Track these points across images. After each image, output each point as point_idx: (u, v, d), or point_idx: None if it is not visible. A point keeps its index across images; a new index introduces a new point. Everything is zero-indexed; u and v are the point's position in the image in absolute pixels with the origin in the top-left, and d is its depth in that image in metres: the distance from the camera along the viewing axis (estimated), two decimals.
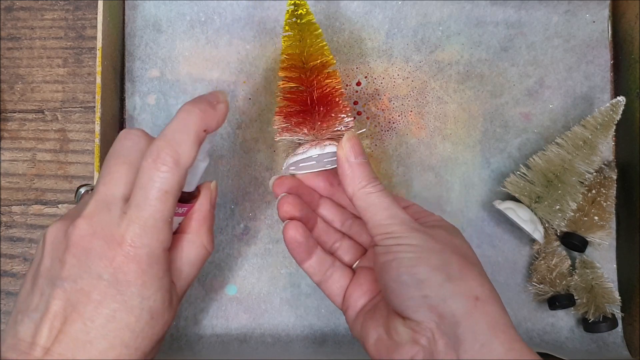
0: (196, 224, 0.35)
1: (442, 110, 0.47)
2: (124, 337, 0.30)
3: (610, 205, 0.45)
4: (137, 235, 0.30)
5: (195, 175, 0.35)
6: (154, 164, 0.30)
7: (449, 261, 0.32)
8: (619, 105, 0.43)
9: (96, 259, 0.30)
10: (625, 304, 0.45)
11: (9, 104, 0.47)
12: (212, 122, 0.32)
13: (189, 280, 0.35)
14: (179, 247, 0.34)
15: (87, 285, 0.30)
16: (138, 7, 0.46)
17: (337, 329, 0.45)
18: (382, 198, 0.34)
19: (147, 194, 0.30)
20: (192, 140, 0.31)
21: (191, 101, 0.32)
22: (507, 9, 0.47)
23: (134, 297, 0.30)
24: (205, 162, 0.36)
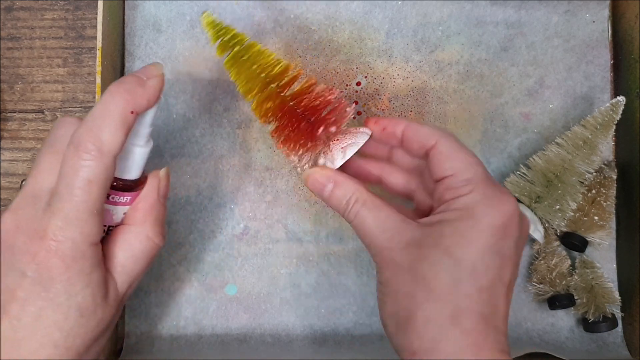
0: (141, 214, 0.33)
1: (442, 110, 0.47)
2: (53, 336, 0.29)
3: (610, 205, 0.45)
4: (59, 228, 0.29)
5: (133, 162, 0.33)
6: (76, 153, 0.29)
7: (399, 308, 0.31)
8: (619, 105, 0.43)
9: (19, 254, 0.29)
10: (625, 304, 0.45)
11: (9, 104, 0.47)
12: (140, 101, 0.30)
13: (133, 275, 0.33)
14: (121, 239, 0.33)
15: (11, 283, 0.29)
16: (138, 7, 0.46)
17: (337, 329, 0.45)
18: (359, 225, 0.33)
19: (70, 184, 0.29)
20: (116, 125, 0.29)
21: (117, 80, 0.30)
22: (507, 9, 0.47)
23: (59, 294, 0.29)
24: (146, 147, 0.33)
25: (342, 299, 0.46)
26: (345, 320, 0.45)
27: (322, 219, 0.46)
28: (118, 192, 0.33)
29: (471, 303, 0.29)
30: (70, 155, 0.29)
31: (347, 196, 0.34)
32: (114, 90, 0.30)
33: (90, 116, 0.29)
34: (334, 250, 0.46)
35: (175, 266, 0.46)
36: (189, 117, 0.46)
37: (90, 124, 0.29)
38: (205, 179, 0.46)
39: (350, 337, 0.45)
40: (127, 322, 0.45)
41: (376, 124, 0.37)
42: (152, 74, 0.31)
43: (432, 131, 0.34)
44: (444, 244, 0.31)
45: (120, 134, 0.29)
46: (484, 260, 0.30)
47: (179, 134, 0.46)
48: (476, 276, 0.30)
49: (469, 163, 0.33)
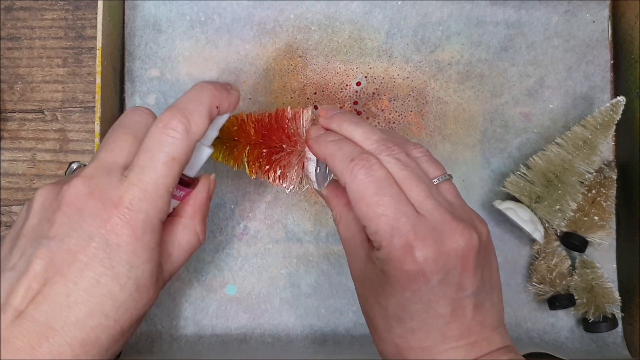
0: (192, 209, 0.34)
1: (442, 110, 0.47)
2: (105, 305, 0.28)
3: (610, 205, 0.45)
4: (136, 199, 0.29)
5: (197, 159, 0.35)
6: (164, 129, 0.30)
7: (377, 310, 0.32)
8: (619, 105, 0.43)
9: (89, 218, 0.29)
10: (625, 304, 0.45)
11: (9, 104, 0.47)
12: (225, 101, 0.32)
13: (175, 265, 0.33)
14: (172, 229, 0.33)
15: (75, 245, 0.28)
16: (138, 7, 0.46)
17: (337, 329, 0.45)
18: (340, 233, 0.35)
19: (153, 157, 0.29)
20: (205, 112, 0.31)
21: (205, 80, 0.33)
22: (507, 9, 0.47)
23: (122, 263, 0.29)
24: (209, 150, 0.35)
25: (342, 299, 0.46)
26: (345, 320, 0.45)
27: (322, 219, 0.46)
28: (178, 186, 0.33)
29: (408, 342, 0.31)
30: (157, 131, 0.30)
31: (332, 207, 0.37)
32: (205, 86, 0.32)
33: (181, 100, 0.31)
34: (334, 250, 0.46)
35: None
36: None
37: (181, 106, 0.30)
38: None
39: (350, 337, 0.45)
40: None
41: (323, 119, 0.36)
42: (234, 87, 0.34)
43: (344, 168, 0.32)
44: (375, 291, 0.32)
45: (206, 121, 0.31)
46: (405, 310, 0.30)
47: None
48: (403, 322, 0.31)
49: (374, 216, 0.30)
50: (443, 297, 0.30)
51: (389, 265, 0.30)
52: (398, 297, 0.30)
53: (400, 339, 0.31)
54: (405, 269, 0.29)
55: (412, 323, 0.30)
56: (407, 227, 0.29)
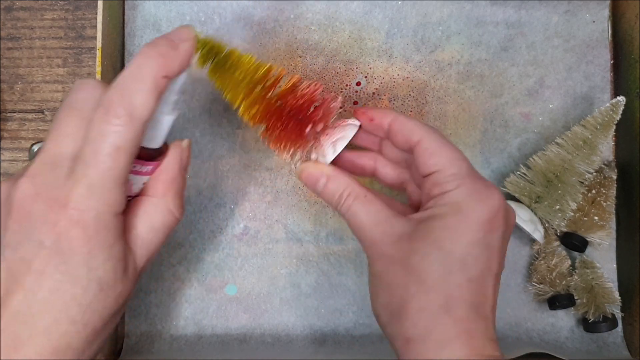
0: (162, 185, 0.32)
1: (442, 110, 0.47)
2: (71, 311, 0.27)
3: (610, 205, 0.45)
4: (82, 197, 0.27)
5: (159, 130, 0.32)
6: (105, 117, 0.27)
7: (392, 298, 0.32)
8: (619, 105, 0.43)
9: (38, 223, 0.27)
10: (625, 304, 0.45)
11: (9, 104, 0.47)
12: (173, 65, 0.29)
13: (151, 248, 0.31)
14: (141, 211, 0.31)
15: (27, 253, 0.27)
16: (138, 7, 0.46)
17: (337, 329, 0.45)
18: (352, 217, 0.34)
19: (97, 150, 0.27)
20: (149, 89, 0.28)
21: (149, 43, 0.29)
22: (507, 9, 0.47)
23: (79, 266, 0.27)
24: (172, 115, 0.32)
25: (342, 299, 0.46)
26: (345, 320, 0.45)
27: (322, 219, 0.46)
28: (140, 161, 0.31)
29: (462, 293, 0.30)
30: (98, 120, 0.27)
31: (339, 190, 0.34)
32: (147, 53, 0.28)
33: (121, 79, 0.28)
34: (334, 250, 0.46)
35: (175, 266, 0.46)
36: (189, 117, 0.46)
37: (121, 87, 0.28)
38: (205, 179, 0.46)
39: (350, 337, 0.45)
40: (127, 322, 0.45)
41: (363, 115, 0.37)
42: (184, 37, 0.30)
43: (416, 126, 0.34)
44: (434, 238, 0.31)
45: (152, 99, 0.28)
46: (472, 253, 0.31)
47: (179, 134, 0.46)
48: (466, 268, 0.31)
49: (453, 158, 0.33)
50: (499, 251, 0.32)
51: (468, 203, 0.31)
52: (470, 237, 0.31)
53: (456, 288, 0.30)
54: (490, 204, 0.31)
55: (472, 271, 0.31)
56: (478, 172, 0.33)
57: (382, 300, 0.32)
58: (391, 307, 0.32)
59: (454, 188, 0.32)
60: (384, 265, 0.32)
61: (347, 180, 0.35)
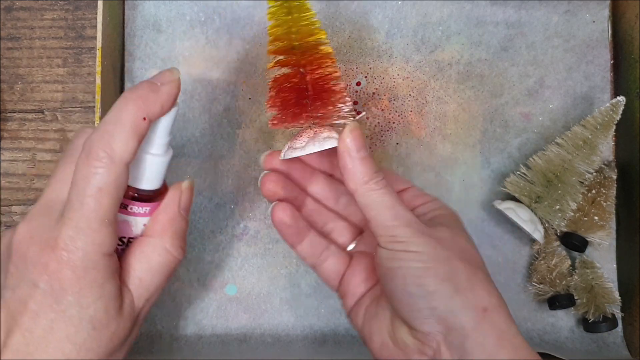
0: (160, 226, 0.32)
1: (442, 110, 0.47)
2: (65, 349, 0.28)
3: (610, 205, 0.45)
4: (70, 238, 0.28)
5: (152, 172, 0.32)
6: (87, 160, 0.28)
7: (457, 270, 0.31)
8: (619, 105, 0.43)
9: (31, 265, 0.28)
10: (625, 304, 0.45)
11: (9, 104, 0.47)
12: (153, 107, 0.29)
13: (151, 289, 0.32)
14: (138, 250, 0.32)
15: (23, 294, 0.28)
16: (138, 7, 0.46)
17: (337, 329, 0.45)
18: (386, 196, 0.32)
19: (80, 193, 0.28)
20: (128, 133, 0.29)
21: (131, 87, 0.30)
22: (507, 9, 0.47)
23: (71, 306, 0.28)
24: (164, 157, 0.32)
25: None
26: (345, 320, 0.45)
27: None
28: (136, 203, 0.32)
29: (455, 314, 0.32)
30: (81, 164, 0.29)
31: (377, 167, 0.33)
32: (127, 97, 0.29)
33: (102, 124, 0.29)
34: None
35: None
36: (189, 117, 0.46)
37: (101, 131, 0.29)
38: (205, 179, 0.46)
39: (350, 337, 0.45)
40: None
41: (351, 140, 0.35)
42: (167, 79, 0.31)
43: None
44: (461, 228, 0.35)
45: (132, 142, 0.29)
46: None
47: (179, 134, 0.46)
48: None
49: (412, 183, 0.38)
50: None
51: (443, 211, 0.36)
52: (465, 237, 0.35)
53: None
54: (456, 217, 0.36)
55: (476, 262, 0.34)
56: None
57: (441, 274, 0.31)
58: (456, 280, 0.31)
59: (431, 200, 0.36)
60: (433, 242, 0.32)
61: None
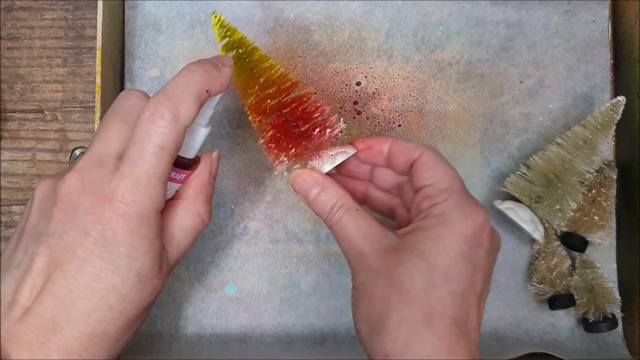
0: (193, 191, 0.34)
1: (442, 110, 0.47)
2: (109, 298, 0.29)
3: (611, 205, 0.45)
4: (128, 192, 0.29)
5: (194, 141, 0.34)
6: (152, 118, 0.29)
7: (372, 312, 0.31)
8: (619, 105, 0.43)
9: (84, 214, 0.29)
10: (625, 304, 0.45)
11: (9, 104, 0.47)
12: (215, 83, 0.31)
13: (181, 248, 0.33)
14: (173, 213, 0.33)
15: (72, 241, 0.29)
16: (138, 7, 0.46)
17: (337, 329, 0.45)
18: (340, 231, 0.34)
19: (142, 149, 0.29)
20: (193, 98, 0.30)
21: (195, 62, 0.32)
22: (507, 9, 0.47)
23: (121, 257, 0.29)
24: (206, 129, 0.35)
25: (342, 299, 0.46)
26: (345, 320, 0.45)
27: None
28: (175, 169, 0.33)
29: (444, 307, 0.30)
30: (144, 121, 0.29)
31: (332, 201, 0.34)
32: (194, 68, 0.31)
33: (169, 86, 0.30)
34: (334, 250, 0.46)
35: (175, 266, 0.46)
36: None
37: (169, 93, 0.30)
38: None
39: (350, 337, 0.45)
40: None
41: (362, 144, 0.37)
42: (226, 62, 0.33)
43: (417, 145, 0.35)
44: (419, 249, 0.31)
45: (195, 108, 0.30)
46: (456, 266, 0.31)
47: None
48: (449, 281, 0.30)
49: (447, 174, 0.34)
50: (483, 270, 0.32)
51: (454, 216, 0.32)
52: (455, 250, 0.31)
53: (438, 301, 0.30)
54: (476, 220, 0.32)
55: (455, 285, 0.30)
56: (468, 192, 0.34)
57: (363, 313, 0.32)
58: (371, 321, 0.31)
59: (442, 200, 0.33)
60: (368, 277, 0.32)
61: (340, 192, 0.35)
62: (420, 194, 0.34)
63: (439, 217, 0.32)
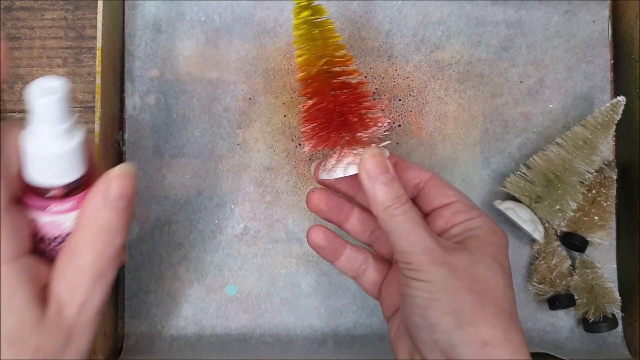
0: (85, 220, 0.28)
1: (442, 110, 0.47)
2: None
3: (611, 205, 0.45)
4: None
5: (61, 165, 0.27)
6: None
7: (462, 304, 0.31)
8: (619, 105, 0.43)
9: None
10: (625, 304, 0.45)
11: (9, 104, 0.47)
12: None
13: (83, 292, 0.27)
14: (66, 249, 0.28)
15: None
16: (138, 7, 0.46)
17: (337, 329, 0.45)
18: (405, 223, 0.32)
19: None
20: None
21: None
22: (507, 9, 0.47)
23: None
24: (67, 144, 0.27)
25: (342, 299, 0.46)
26: (345, 320, 0.45)
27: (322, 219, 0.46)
28: (53, 201, 0.28)
29: (514, 307, 0.33)
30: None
31: (399, 192, 0.33)
32: None
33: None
34: None
35: (175, 266, 0.46)
36: (189, 117, 0.46)
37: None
38: (205, 179, 0.46)
39: (350, 337, 0.45)
40: (127, 322, 0.45)
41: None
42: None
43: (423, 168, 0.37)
44: (488, 252, 0.33)
45: None
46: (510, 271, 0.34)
47: (179, 134, 0.46)
48: (512, 284, 0.34)
49: (462, 195, 0.36)
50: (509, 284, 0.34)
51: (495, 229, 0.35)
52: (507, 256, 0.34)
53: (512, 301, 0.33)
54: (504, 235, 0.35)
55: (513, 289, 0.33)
56: None
57: (448, 305, 0.31)
58: (460, 313, 0.31)
59: (476, 216, 0.35)
60: (447, 271, 0.32)
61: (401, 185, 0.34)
62: (448, 210, 0.35)
63: (484, 227, 0.34)
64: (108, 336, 0.43)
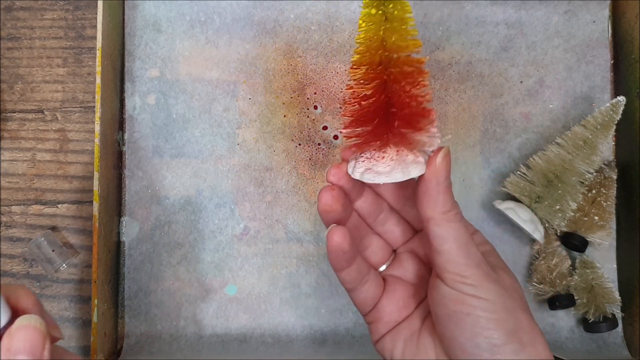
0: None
1: (442, 110, 0.47)
2: None
3: (610, 205, 0.45)
4: None
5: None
6: None
7: (521, 323, 0.31)
8: (619, 105, 0.43)
9: None
10: (625, 304, 0.45)
11: (9, 104, 0.47)
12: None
13: None
14: None
15: None
16: (138, 7, 0.46)
17: (337, 329, 0.45)
18: (462, 230, 0.30)
19: None
20: None
21: None
22: (507, 9, 0.47)
23: None
24: None
25: (342, 299, 0.46)
26: (345, 320, 0.45)
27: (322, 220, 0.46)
28: None
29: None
30: None
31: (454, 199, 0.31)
32: None
33: None
34: None
35: (175, 266, 0.46)
36: (189, 117, 0.46)
37: None
38: (205, 179, 0.46)
39: (350, 337, 0.45)
40: (127, 322, 0.45)
41: None
42: None
43: None
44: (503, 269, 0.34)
45: None
46: None
47: (179, 134, 0.46)
48: None
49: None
50: None
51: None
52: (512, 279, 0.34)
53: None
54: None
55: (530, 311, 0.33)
56: None
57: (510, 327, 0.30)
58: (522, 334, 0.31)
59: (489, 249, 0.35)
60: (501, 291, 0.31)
61: None
62: None
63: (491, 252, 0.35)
64: (108, 336, 0.43)
